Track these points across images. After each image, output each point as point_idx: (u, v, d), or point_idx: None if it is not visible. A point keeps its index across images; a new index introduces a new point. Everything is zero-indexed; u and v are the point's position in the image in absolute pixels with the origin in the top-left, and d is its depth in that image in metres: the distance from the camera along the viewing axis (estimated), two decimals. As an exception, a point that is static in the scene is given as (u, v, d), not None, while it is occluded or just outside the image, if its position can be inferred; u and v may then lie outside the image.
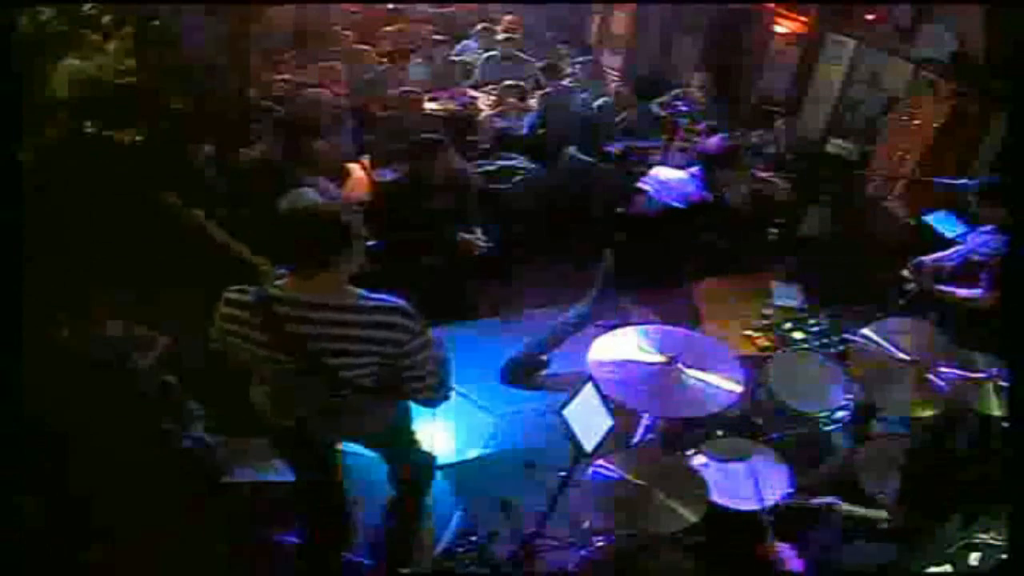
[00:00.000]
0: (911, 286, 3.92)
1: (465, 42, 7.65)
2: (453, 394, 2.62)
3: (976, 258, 3.80)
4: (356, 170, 5.32)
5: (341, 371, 2.30)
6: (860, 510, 2.81)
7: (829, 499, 2.88)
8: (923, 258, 3.99)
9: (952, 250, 4.05)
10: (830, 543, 2.85)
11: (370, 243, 2.60)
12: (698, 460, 3.09)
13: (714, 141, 4.07)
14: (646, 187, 3.93)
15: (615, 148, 6.06)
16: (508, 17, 7.52)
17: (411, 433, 2.85)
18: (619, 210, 4.12)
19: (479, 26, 7.60)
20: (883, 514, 2.75)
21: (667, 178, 3.94)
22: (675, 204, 3.86)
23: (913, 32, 5.48)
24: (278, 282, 2.35)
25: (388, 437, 2.74)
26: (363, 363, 2.30)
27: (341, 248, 2.24)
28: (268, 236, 2.44)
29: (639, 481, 2.79)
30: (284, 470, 3.38)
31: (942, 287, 3.79)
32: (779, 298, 4.66)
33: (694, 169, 3.93)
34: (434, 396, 2.48)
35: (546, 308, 4.73)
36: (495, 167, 5.64)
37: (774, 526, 2.85)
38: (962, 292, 3.72)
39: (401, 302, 2.31)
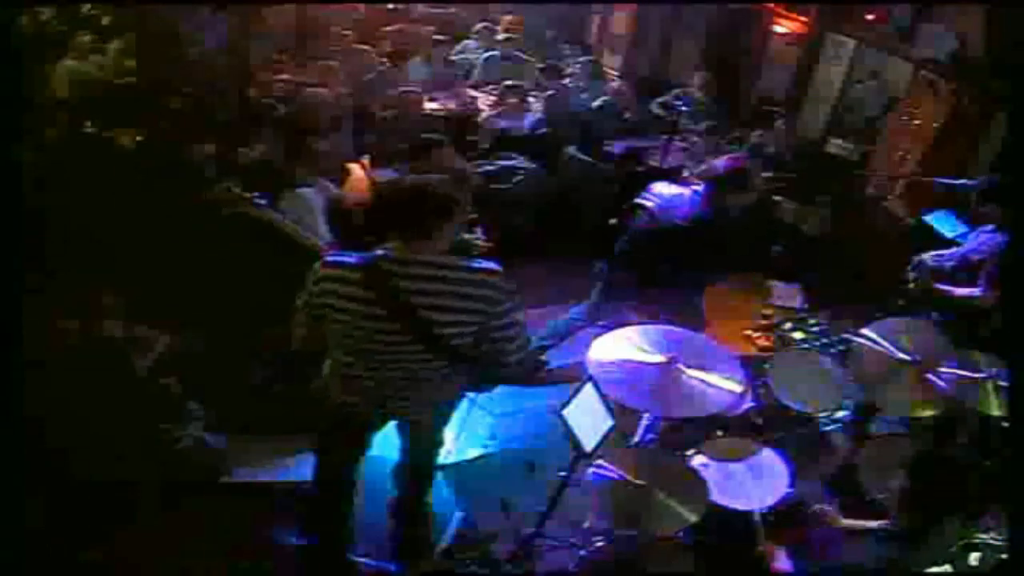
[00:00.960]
0: (911, 285, 3.92)
1: (465, 42, 7.65)
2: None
3: (975, 257, 3.81)
4: (356, 170, 5.31)
5: (444, 328, 2.38)
6: (858, 523, 2.81)
7: (827, 508, 2.88)
8: (922, 256, 3.99)
9: (951, 250, 4.05)
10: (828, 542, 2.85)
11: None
12: (698, 460, 3.09)
13: (721, 163, 3.89)
14: (647, 203, 3.87)
15: (615, 148, 6.06)
16: (508, 17, 7.52)
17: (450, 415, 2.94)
18: (612, 221, 4.09)
19: (479, 25, 7.61)
20: (878, 523, 2.75)
21: (669, 195, 3.87)
22: (677, 221, 3.80)
23: (913, 32, 5.49)
24: (379, 249, 2.42)
25: (444, 413, 2.85)
26: (464, 321, 2.40)
27: (445, 219, 2.38)
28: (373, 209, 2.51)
29: (639, 481, 2.79)
30: (284, 470, 3.39)
31: (941, 286, 3.79)
32: (779, 298, 4.65)
33: (699, 187, 3.85)
34: (521, 359, 2.59)
35: (546, 308, 4.72)
36: (495, 167, 5.64)
37: (769, 527, 2.85)
38: (961, 291, 3.73)
39: (495, 265, 2.43)
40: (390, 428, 2.87)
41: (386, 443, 2.96)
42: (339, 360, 2.59)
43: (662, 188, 3.95)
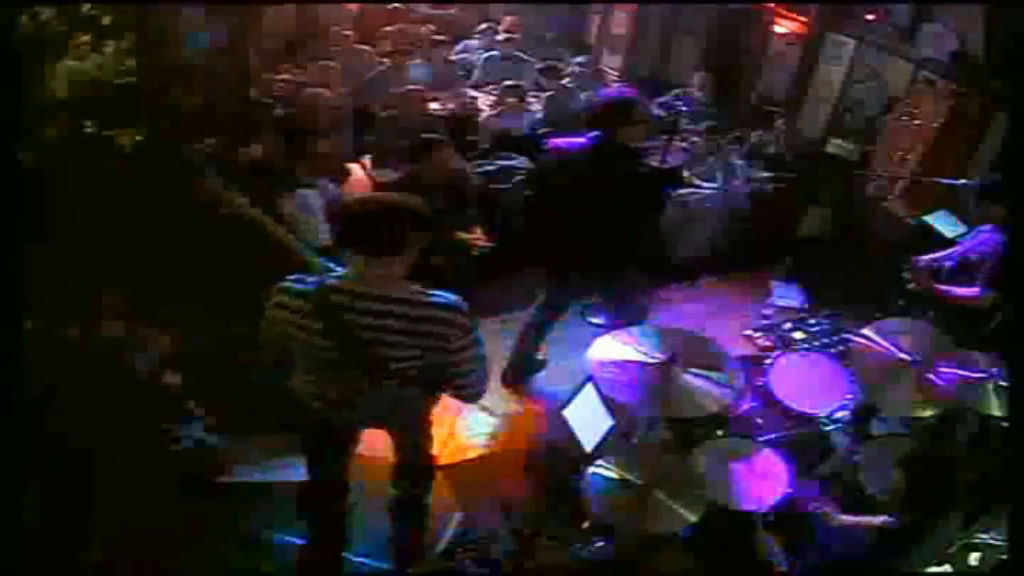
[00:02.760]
0: (911, 285, 3.92)
1: (466, 42, 7.65)
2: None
3: (974, 257, 3.81)
4: (356, 170, 5.32)
5: (391, 362, 2.36)
6: (855, 519, 2.81)
7: (827, 508, 2.88)
8: (921, 257, 3.99)
9: (950, 251, 4.05)
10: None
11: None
12: (698, 460, 3.09)
13: (603, 95, 3.91)
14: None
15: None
16: (508, 17, 7.52)
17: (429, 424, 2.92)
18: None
19: (483, 25, 7.60)
20: (879, 520, 2.75)
21: (568, 140, 3.87)
22: (574, 156, 3.71)
23: (913, 32, 5.49)
24: (334, 273, 2.43)
25: (416, 426, 2.82)
26: (413, 355, 2.37)
27: (407, 237, 2.33)
28: (337, 221, 2.50)
29: (639, 481, 2.79)
30: (285, 470, 3.39)
31: (940, 286, 3.79)
32: (779, 298, 4.67)
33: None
34: (474, 392, 2.57)
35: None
36: (495, 167, 5.64)
37: (769, 526, 2.85)
38: (960, 291, 3.73)
39: (457, 299, 2.39)
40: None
41: (387, 443, 2.96)
42: (304, 374, 2.59)
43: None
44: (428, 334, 2.34)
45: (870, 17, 5.79)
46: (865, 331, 3.23)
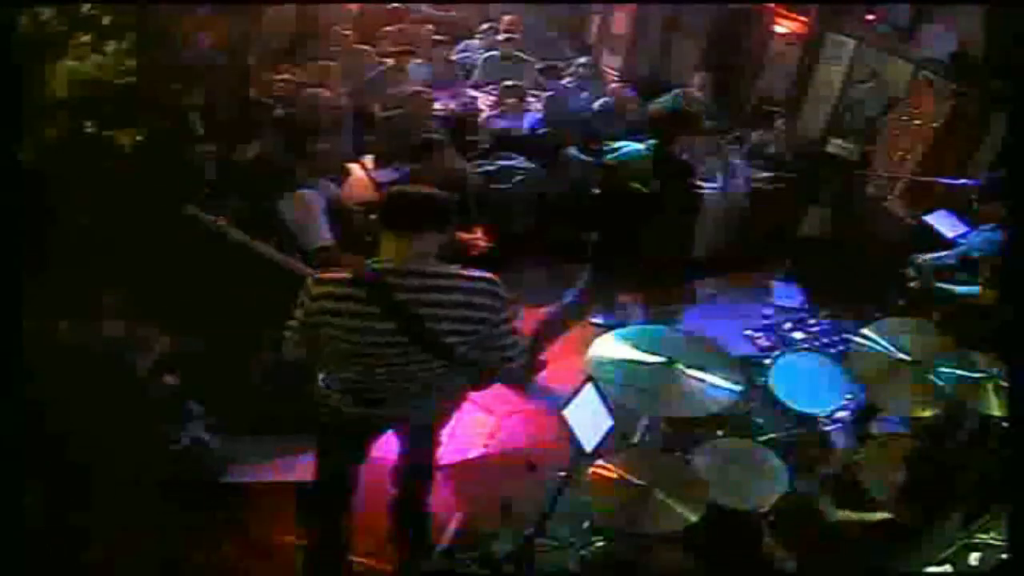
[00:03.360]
0: (914, 284, 3.91)
1: (467, 42, 7.65)
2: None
3: (975, 255, 3.80)
4: (356, 170, 5.31)
5: (446, 336, 2.43)
6: (854, 517, 2.81)
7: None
8: (923, 257, 3.99)
9: (951, 251, 4.05)
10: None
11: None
12: (698, 460, 3.09)
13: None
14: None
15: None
16: (508, 17, 7.52)
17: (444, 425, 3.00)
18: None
19: (485, 25, 7.60)
20: (879, 516, 2.75)
21: (629, 153, 3.95)
22: (635, 184, 3.80)
23: (913, 32, 5.49)
24: (374, 259, 2.46)
25: (444, 414, 2.91)
26: (464, 330, 2.45)
27: (438, 220, 2.44)
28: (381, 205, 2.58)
29: (639, 481, 2.79)
30: (284, 470, 3.39)
31: (942, 284, 3.79)
32: (779, 298, 4.66)
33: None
34: (518, 360, 2.66)
35: (546, 308, 4.72)
36: (495, 167, 5.64)
37: (772, 526, 2.85)
38: (961, 289, 3.72)
39: (491, 274, 2.50)
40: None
41: (386, 443, 2.96)
42: (336, 370, 2.61)
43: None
44: (481, 306, 2.44)
45: (870, 17, 5.79)
46: (865, 331, 3.23)
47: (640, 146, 3.92)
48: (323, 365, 2.65)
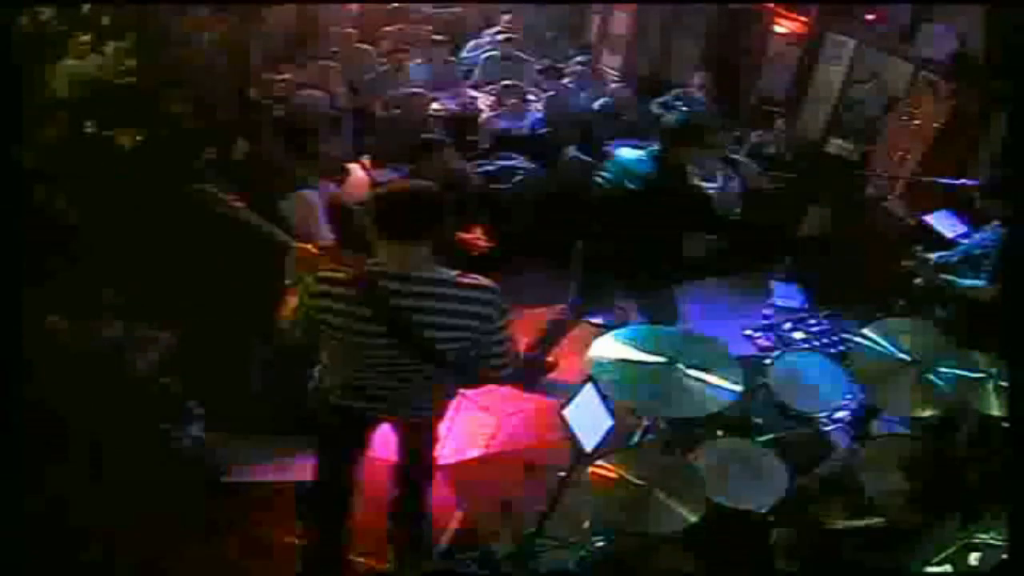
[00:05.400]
0: (918, 280, 3.89)
1: (475, 41, 7.65)
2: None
3: (978, 252, 3.79)
4: (356, 170, 5.30)
5: (440, 343, 2.42)
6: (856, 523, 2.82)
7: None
8: (927, 254, 3.97)
9: (952, 251, 4.04)
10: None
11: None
12: (698, 460, 3.09)
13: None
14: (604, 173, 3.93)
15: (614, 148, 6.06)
16: (508, 17, 7.51)
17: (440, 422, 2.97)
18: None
19: (494, 28, 7.60)
20: (878, 520, 2.75)
21: (626, 158, 3.90)
22: (630, 187, 3.80)
23: (913, 32, 5.49)
24: (370, 260, 2.44)
25: (440, 412, 2.87)
26: (456, 336, 2.43)
27: (434, 224, 2.40)
28: (370, 211, 2.53)
29: (639, 481, 2.79)
30: (284, 470, 3.39)
31: (945, 276, 3.76)
32: (779, 298, 4.66)
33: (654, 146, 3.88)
34: (509, 368, 2.62)
35: (546, 308, 4.72)
36: (495, 167, 5.64)
37: (773, 526, 2.85)
38: (964, 281, 3.71)
39: (491, 282, 2.46)
40: (390, 428, 2.87)
41: (386, 443, 2.96)
42: (333, 365, 2.62)
43: (622, 152, 4.00)
44: (466, 313, 2.41)
45: (870, 17, 5.79)
46: (865, 331, 3.23)
47: (640, 152, 3.91)
48: (321, 359, 2.66)
